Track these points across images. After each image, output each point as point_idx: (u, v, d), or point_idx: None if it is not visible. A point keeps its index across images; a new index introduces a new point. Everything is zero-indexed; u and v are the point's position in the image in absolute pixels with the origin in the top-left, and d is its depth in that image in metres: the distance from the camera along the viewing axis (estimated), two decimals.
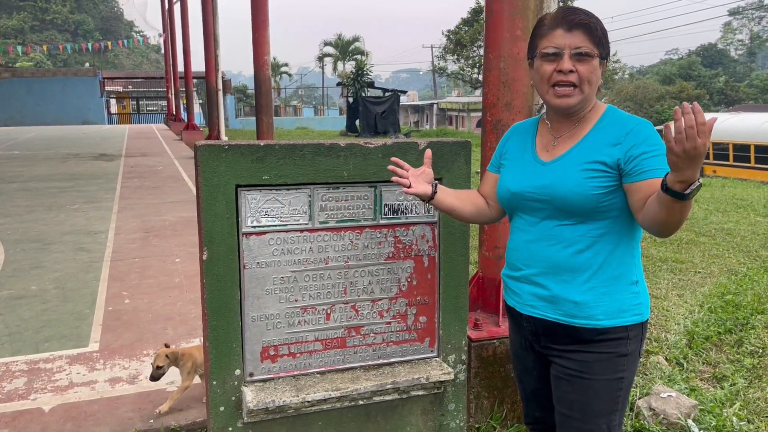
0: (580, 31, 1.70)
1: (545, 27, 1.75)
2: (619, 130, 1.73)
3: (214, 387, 2.21)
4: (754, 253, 6.53)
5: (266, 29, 10.43)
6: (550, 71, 1.73)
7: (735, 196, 10.77)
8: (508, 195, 1.89)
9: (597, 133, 1.76)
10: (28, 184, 11.04)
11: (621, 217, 1.75)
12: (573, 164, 1.75)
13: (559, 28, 1.71)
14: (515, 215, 1.93)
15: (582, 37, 1.70)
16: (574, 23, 1.70)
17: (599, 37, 1.71)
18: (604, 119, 1.78)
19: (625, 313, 1.78)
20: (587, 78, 1.71)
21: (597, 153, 1.73)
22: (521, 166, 1.89)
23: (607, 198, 1.72)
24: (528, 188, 1.83)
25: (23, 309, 4.62)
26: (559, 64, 1.71)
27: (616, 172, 1.70)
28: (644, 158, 1.65)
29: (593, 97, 1.78)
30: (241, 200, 2.18)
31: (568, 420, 1.86)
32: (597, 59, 1.72)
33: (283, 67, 63.85)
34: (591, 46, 1.70)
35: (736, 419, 3.08)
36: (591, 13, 1.74)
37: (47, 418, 3.02)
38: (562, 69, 1.70)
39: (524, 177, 1.85)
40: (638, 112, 39.32)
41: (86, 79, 37.79)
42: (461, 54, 32.65)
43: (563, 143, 1.81)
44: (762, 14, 76.22)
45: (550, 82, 1.73)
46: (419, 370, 2.40)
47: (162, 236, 6.94)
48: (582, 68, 1.70)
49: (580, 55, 1.70)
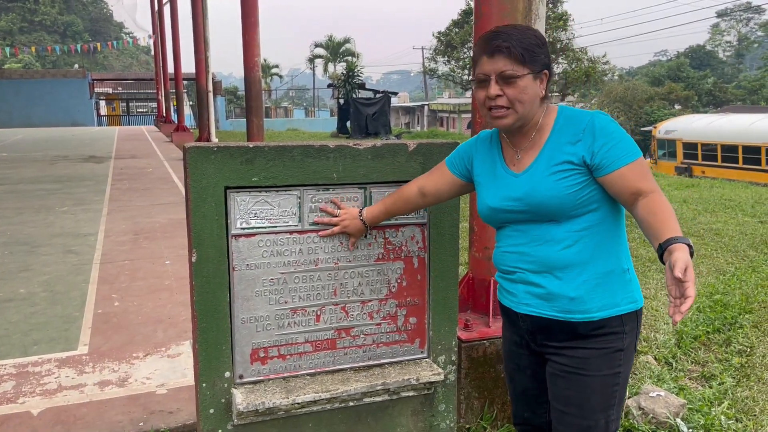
0: (501, 55, 1.75)
1: (475, 53, 1.83)
2: (574, 128, 1.79)
3: (204, 389, 2.21)
4: (742, 253, 6.58)
5: (256, 31, 10.40)
6: (483, 97, 1.81)
7: (723, 197, 10.85)
8: (489, 212, 1.94)
9: (555, 136, 1.82)
10: (17, 186, 10.96)
11: (601, 208, 1.80)
12: (541, 171, 1.80)
13: (484, 54, 1.78)
14: (501, 224, 1.96)
15: (504, 60, 1.74)
16: (494, 48, 1.75)
17: (522, 57, 1.74)
18: (558, 121, 1.83)
19: (619, 303, 1.82)
20: (516, 98, 1.76)
21: (560, 154, 1.78)
22: (495, 181, 1.93)
23: (582, 194, 1.77)
24: (506, 201, 1.87)
25: (11, 312, 4.59)
26: (487, 90, 1.77)
27: (583, 167, 1.76)
28: (606, 150, 1.72)
29: (534, 108, 1.82)
30: (231, 202, 2.17)
31: (566, 416, 1.88)
32: (527, 76, 1.75)
33: (274, 68, 63.70)
34: (514, 67, 1.74)
35: (724, 418, 3.11)
36: (513, 33, 1.76)
37: (36, 422, 3.00)
38: (488, 95, 1.77)
39: (500, 191, 1.90)
40: (628, 113, 39.56)
41: (75, 81, 37.54)
42: (452, 55, 32.67)
43: (526, 155, 1.86)
44: (750, 16, 76.84)
45: (486, 105, 1.81)
46: (409, 371, 2.40)
47: (152, 238, 6.91)
48: (510, 90, 1.76)
49: (505, 79, 1.75)
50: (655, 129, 27.12)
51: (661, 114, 38.28)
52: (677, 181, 14.27)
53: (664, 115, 36.73)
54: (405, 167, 2.35)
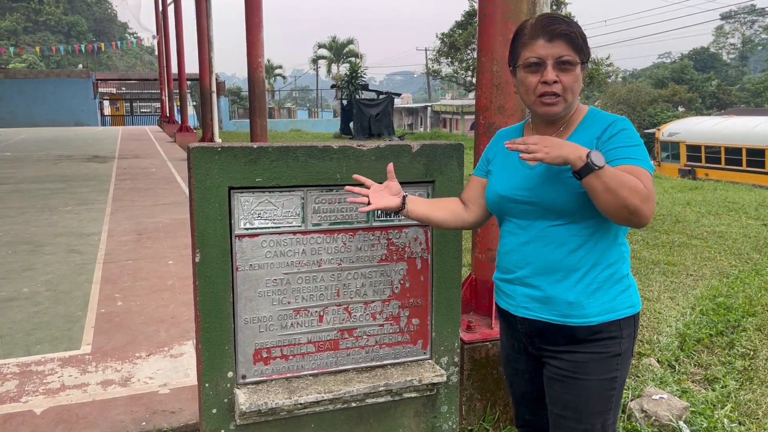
0: (562, 40, 1.72)
1: (526, 36, 1.77)
2: (599, 126, 1.78)
3: (207, 389, 2.21)
4: (745, 256, 6.56)
5: (260, 31, 10.41)
6: (535, 83, 1.76)
7: (727, 199, 10.82)
8: (497, 198, 1.91)
9: (579, 133, 1.80)
10: (20, 185, 10.99)
11: None
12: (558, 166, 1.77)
13: (541, 38, 1.73)
14: (505, 219, 1.94)
15: (563, 46, 1.72)
16: (556, 33, 1.72)
17: (580, 45, 1.74)
18: (585, 121, 1.82)
19: (618, 308, 1.81)
20: (570, 87, 1.74)
21: None
22: (509, 170, 1.91)
23: None
24: (516, 191, 1.85)
25: (15, 311, 4.60)
26: (543, 75, 1.73)
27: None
28: (616, 147, 1.71)
29: (576, 102, 1.82)
30: (234, 202, 2.18)
31: (563, 420, 1.87)
32: (579, 66, 1.75)
33: (277, 69, 63.83)
34: (573, 55, 1.73)
35: (727, 421, 3.10)
36: (571, 21, 1.76)
37: (39, 421, 3.01)
38: (546, 80, 1.73)
39: (512, 181, 1.88)
40: (631, 115, 39.48)
41: (79, 81, 37.60)
42: (455, 57, 32.70)
43: None
44: (754, 18, 76.76)
45: (536, 93, 1.76)
46: (412, 372, 2.40)
47: (155, 238, 6.92)
48: (565, 78, 1.73)
49: (563, 64, 1.72)
50: (658, 131, 27.07)
51: (664, 116, 38.24)
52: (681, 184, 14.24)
53: (667, 117, 36.69)
54: (408, 168, 2.35)
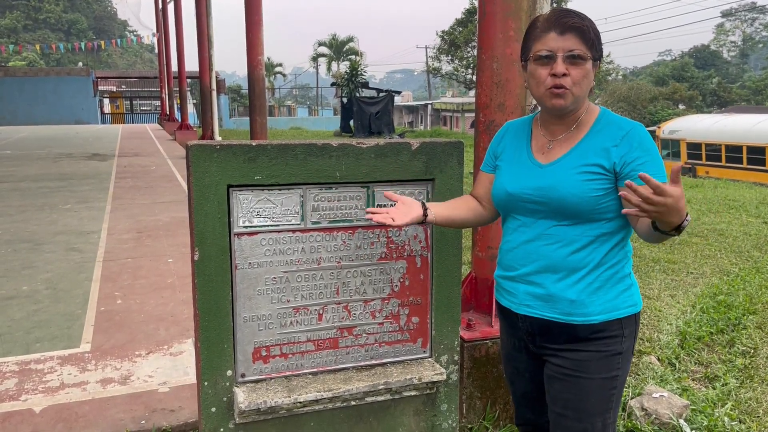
0: (573, 34, 1.70)
1: (538, 30, 1.76)
2: (615, 132, 1.75)
3: (206, 388, 2.21)
4: (746, 254, 6.56)
5: (260, 29, 10.40)
6: (544, 75, 1.74)
7: (727, 197, 10.82)
8: (505, 196, 1.89)
9: (593, 136, 1.78)
10: (20, 184, 10.98)
11: (617, 218, 1.77)
12: (571, 167, 1.76)
13: (552, 31, 1.72)
14: (509, 216, 1.93)
15: (575, 40, 1.70)
16: (567, 26, 1.71)
17: (592, 40, 1.72)
18: (599, 122, 1.80)
19: (619, 306, 1.80)
20: (579, 81, 1.72)
21: (594, 156, 1.74)
22: (518, 167, 1.89)
23: (605, 200, 1.74)
24: (525, 190, 1.83)
25: (14, 309, 4.60)
26: (553, 68, 1.72)
27: (611, 174, 1.73)
28: (638, 164, 1.68)
29: (585, 98, 1.80)
30: (233, 200, 2.17)
31: (563, 419, 1.86)
32: (590, 62, 1.73)
33: (278, 67, 63.79)
34: (584, 49, 1.71)
35: (727, 419, 3.10)
36: (584, 15, 1.75)
37: (38, 419, 3.01)
38: (555, 72, 1.71)
39: (521, 178, 1.86)
40: (632, 113, 39.48)
41: (79, 79, 37.59)
42: (455, 55, 32.70)
43: (559, 146, 1.82)
44: (754, 16, 76.68)
45: (545, 85, 1.74)
46: (411, 370, 2.40)
47: (155, 236, 6.91)
48: (575, 71, 1.71)
49: (573, 58, 1.71)
50: (659, 129, 27.05)
51: (665, 114, 38.20)
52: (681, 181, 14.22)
53: (668, 115, 36.65)
54: (408, 166, 2.34)
